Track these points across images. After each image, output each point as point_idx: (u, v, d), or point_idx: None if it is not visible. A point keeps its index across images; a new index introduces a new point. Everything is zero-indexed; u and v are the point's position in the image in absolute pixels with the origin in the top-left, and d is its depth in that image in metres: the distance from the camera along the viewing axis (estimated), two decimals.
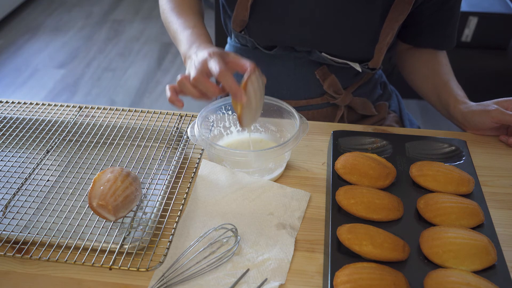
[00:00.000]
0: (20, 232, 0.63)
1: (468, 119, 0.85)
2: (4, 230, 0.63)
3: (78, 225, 0.64)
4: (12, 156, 0.77)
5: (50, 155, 0.78)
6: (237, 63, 0.70)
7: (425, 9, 0.90)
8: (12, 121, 0.84)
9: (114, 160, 0.76)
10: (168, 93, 0.70)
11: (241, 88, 0.66)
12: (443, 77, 0.93)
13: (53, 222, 0.64)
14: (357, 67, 0.91)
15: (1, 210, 0.67)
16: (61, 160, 0.76)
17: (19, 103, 0.89)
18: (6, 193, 0.70)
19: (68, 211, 0.66)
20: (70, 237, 0.62)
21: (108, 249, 0.61)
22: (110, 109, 0.87)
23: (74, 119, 0.85)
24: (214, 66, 0.67)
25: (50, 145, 0.80)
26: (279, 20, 0.88)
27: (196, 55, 0.74)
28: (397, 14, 0.85)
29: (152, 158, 0.76)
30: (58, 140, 0.81)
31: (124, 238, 0.62)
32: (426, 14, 0.91)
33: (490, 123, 0.82)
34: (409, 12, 0.85)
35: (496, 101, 0.83)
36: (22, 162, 0.76)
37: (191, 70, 0.71)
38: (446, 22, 0.93)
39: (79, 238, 0.62)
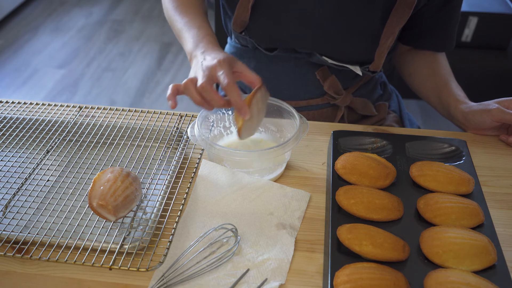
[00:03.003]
0: (20, 232, 0.63)
1: (469, 119, 0.85)
2: (4, 230, 0.63)
3: (78, 225, 0.64)
4: (12, 156, 0.77)
5: (50, 155, 0.78)
6: (244, 74, 0.71)
7: (425, 11, 0.90)
8: (12, 121, 0.84)
9: (114, 160, 0.76)
10: (169, 90, 0.70)
11: (246, 104, 0.66)
12: (443, 78, 0.93)
13: (53, 222, 0.64)
14: (358, 70, 0.91)
15: (1, 210, 0.67)
16: (61, 160, 0.76)
17: (19, 103, 0.89)
18: (6, 193, 0.70)
19: (68, 211, 0.66)
20: (70, 237, 0.62)
21: (108, 249, 0.61)
22: (110, 109, 0.87)
23: (74, 119, 0.85)
24: (222, 77, 0.67)
25: (50, 145, 0.80)
26: (280, 21, 0.88)
27: (203, 58, 0.73)
28: (397, 18, 0.85)
29: (152, 158, 0.76)
30: (58, 140, 0.81)
31: (124, 238, 0.62)
32: (426, 16, 0.91)
33: (491, 122, 0.82)
34: (409, 16, 0.85)
35: (497, 100, 0.83)
36: (22, 162, 0.76)
37: (198, 74, 0.70)
38: (446, 24, 0.93)
39: (79, 238, 0.62)
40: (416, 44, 0.99)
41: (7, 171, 0.74)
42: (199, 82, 0.68)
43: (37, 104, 0.89)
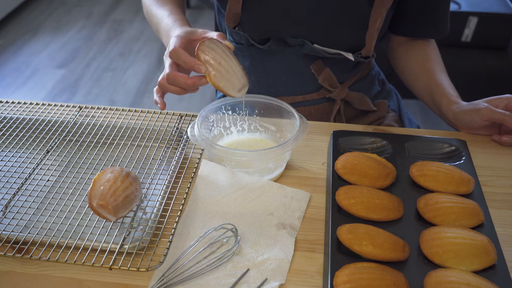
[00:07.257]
0: (20, 232, 0.63)
1: (460, 119, 0.85)
2: (4, 230, 0.63)
3: (78, 225, 0.64)
4: (12, 156, 0.77)
5: (50, 155, 0.78)
6: (205, 38, 0.72)
7: None
8: (12, 121, 0.84)
9: (114, 160, 0.76)
10: (154, 94, 0.73)
11: (196, 60, 0.68)
12: (434, 76, 0.93)
13: (53, 222, 0.64)
14: (350, 56, 0.91)
15: (1, 210, 0.67)
16: (61, 160, 0.76)
17: (19, 103, 0.89)
18: (6, 193, 0.70)
19: (68, 211, 0.66)
20: (70, 237, 0.62)
21: (108, 249, 0.61)
22: (110, 109, 0.87)
23: (74, 119, 0.85)
24: (170, 48, 0.69)
25: (50, 145, 0.80)
26: (271, 10, 0.88)
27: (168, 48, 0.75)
28: None
29: (152, 158, 0.76)
30: (58, 140, 0.81)
31: (124, 238, 0.62)
32: (414, 0, 0.91)
33: (481, 122, 0.82)
34: None
35: (487, 99, 0.83)
36: (22, 162, 0.76)
37: (165, 66, 0.72)
38: (434, 8, 0.92)
39: (79, 238, 0.62)
40: (406, 31, 0.98)
41: (7, 171, 0.74)
42: (164, 73, 0.70)
43: (37, 104, 0.89)
